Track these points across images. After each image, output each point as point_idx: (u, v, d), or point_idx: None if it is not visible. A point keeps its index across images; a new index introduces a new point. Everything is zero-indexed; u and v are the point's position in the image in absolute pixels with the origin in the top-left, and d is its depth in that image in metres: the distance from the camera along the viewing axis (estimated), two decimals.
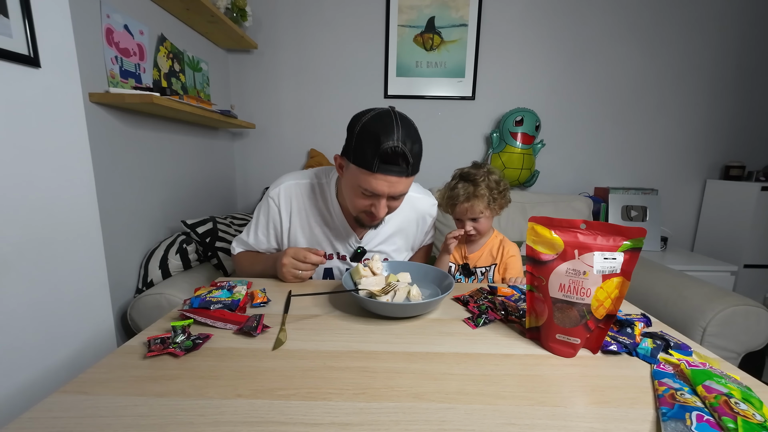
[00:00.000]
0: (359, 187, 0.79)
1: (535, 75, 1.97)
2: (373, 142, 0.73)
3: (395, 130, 0.74)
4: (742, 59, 1.93)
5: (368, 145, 0.74)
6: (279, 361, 0.55)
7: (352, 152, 0.77)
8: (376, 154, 0.73)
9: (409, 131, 0.76)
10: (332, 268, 0.99)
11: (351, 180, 0.81)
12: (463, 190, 1.00)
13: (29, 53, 0.76)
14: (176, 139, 1.49)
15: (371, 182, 0.77)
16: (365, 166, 0.75)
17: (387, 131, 0.73)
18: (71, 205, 0.87)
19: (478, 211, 1.00)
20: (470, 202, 1.00)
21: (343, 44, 1.94)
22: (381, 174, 0.75)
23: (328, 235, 0.97)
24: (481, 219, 1.02)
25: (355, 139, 0.77)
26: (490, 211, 1.03)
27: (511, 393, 0.49)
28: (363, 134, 0.75)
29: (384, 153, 0.73)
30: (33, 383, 0.78)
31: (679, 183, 2.06)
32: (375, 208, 0.81)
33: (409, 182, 0.81)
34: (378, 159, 0.74)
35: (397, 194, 0.81)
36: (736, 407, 0.42)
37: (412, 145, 0.75)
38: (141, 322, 1.10)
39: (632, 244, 0.56)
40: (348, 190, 0.84)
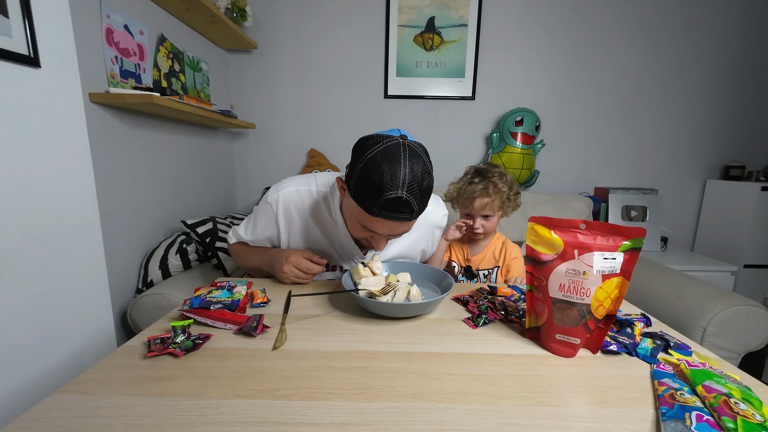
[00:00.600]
0: (359, 223, 0.74)
1: (535, 75, 1.97)
2: (374, 189, 0.65)
3: (401, 174, 0.65)
4: (742, 59, 1.93)
5: (369, 189, 0.66)
6: (279, 361, 0.55)
7: (353, 187, 0.69)
8: (377, 202, 0.66)
9: (416, 172, 0.66)
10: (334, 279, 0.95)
11: (351, 210, 0.75)
12: (482, 185, 1.00)
13: (29, 53, 0.76)
14: (176, 139, 1.49)
15: (371, 223, 0.71)
16: (365, 209, 0.69)
17: (392, 176, 0.64)
18: (71, 205, 0.87)
19: (495, 207, 1.01)
20: (490, 198, 0.99)
21: (343, 44, 1.94)
22: (382, 218, 0.69)
23: (332, 248, 0.91)
24: (492, 218, 1.03)
25: (356, 175, 0.68)
26: (502, 211, 1.04)
27: (511, 393, 0.49)
28: (365, 174, 0.66)
29: (385, 202, 0.66)
30: (33, 383, 0.78)
31: (679, 183, 2.06)
32: (374, 241, 0.77)
33: (413, 223, 0.74)
34: (378, 207, 0.67)
35: (399, 233, 0.75)
36: (736, 407, 0.42)
37: (419, 188, 0.67)
38: (141, 322, 1.10)
39: (632, 244, 0.56)
40: (348, 217, 0.79)
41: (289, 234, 0.91)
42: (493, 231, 1.08)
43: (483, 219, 1.03)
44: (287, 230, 0.90)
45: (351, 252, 0.91)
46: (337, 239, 0.90)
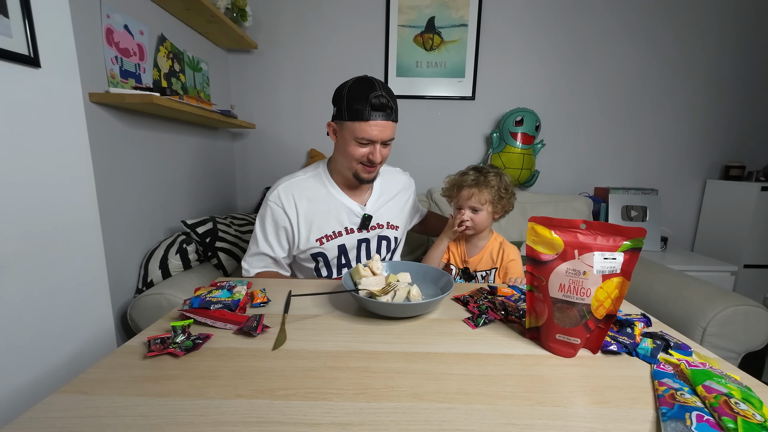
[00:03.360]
0: (355, 139, 0.94)
1: (535, 75, 1.97)
2: (362, 97, 0.90)
3: (377, 86, 0.92)
4: (742, 59, 1.93)
5: (359, 101, 0.91)
6: (279, 361, 0.55)
7: (345, 111, 0.93)
8: (367, 105, 0.90)
9: (386, 88, 0.94)
10: (344, 243, 1.06)
11: (347, 136, 0.95)
12: (473, 176, 1.03)
13: (29, 53, 0.76)
14: (176, 139, 1.49)
15: (366, 129, 0.92)
16: (359, 117, 0.91)
17: (371, 88, 0.91)
18: (71, 205, 0.87)
19: (482, 200, 1.00)
20: (478, 188, 1.00)
21: (343, 44, 1.94)
22: (373, 120, 0.91)
23: (333, 212, 1.04)
24: (481, 212, 1.02)
25: (345, 100, 0.92)
26: (492, 207, 1.03)
27: (511, 393, 0.49)
28: (352, 94, 0.92)
29: (373, 103, 0.90)
30: (33, 383, 0.78)
31: (679, 183, 2.06)
32: (372, 154, 0.95)
33: (393, 128, 0.96)
34: (369, 107, 0.90)
35: (387, 139, 0.96)
36: (736, 407, 0.42)
37: (391, 95, 0.94)
38: (141, 322, 1.10)
39: (632, 244, 0.56)
40: (345, 146, 0.97)
41: (298, 217, 1.02)
42: (483, 229, 1.06)
43: (472, 212, 1.02)
44: (296, 215, 1.02)
45: (351, 208, 1.05)
46: (337, 202, 1.05)
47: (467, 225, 1.03)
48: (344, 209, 1.04)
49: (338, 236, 1.04)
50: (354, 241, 1.06)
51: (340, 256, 1.06)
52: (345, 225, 1.05)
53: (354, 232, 1.06)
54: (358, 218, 1.05)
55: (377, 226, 1.08)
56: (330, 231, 1.04)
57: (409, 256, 1.68)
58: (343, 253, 1.06)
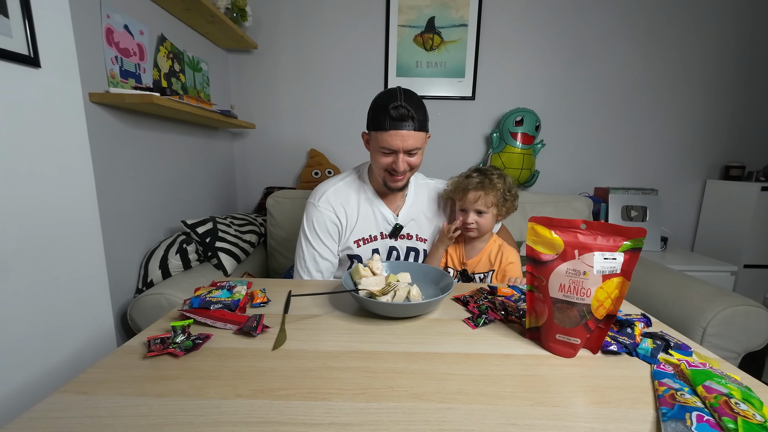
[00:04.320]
0: (379, 148, 0.95)
1: (535, 75, 1.97)
2: (382, 108, 0.92)
3: (398, 96, 0.92)
4: (742, 59, 1.93)
5: (379, 111, 0.93)
6: (279, 361, 0.55)
7: (371, 122, 0.97)
8: (386, 115, 0.91)
9: (411, 98, 0.93)
10: (378, 247, 1.09)
11: (374, 145, 0.98)
12: (478, 179, 1.02)
13: (29, 53, 0.76)
14: (176, 139, 1.49)
15: (387, 139, 0.93)
16: (380, 127, 0.93)
17: (391, 98, 0.92)
18: (71, 205, 0.87)
19: (488, 202, 1.00)
20: (484, 191, 1.00)
21: (343, 44, 1.94)
22: (393, 130, 0.92)
23: (371, 217, 1.08)
24: (486, 215, 1.02)
25: (370, 112, 0.97)
26: (497, 209, 1.03)
27: (511, 393, 0.49)
28: (375, 106, 0.96)
29: (391, 114, 0.90)
30: (33, 383, 0.78)
31: (679, 183, 2.06)
32: (395, 163, 0.96)
33: (418, 137, 0.95)
34: (388, 118, 0.91)
35: (410, 148, 0.95)
36: (737, 407, 0.42)
37: (415, 105, 0.92)
38: (141, 322, 1.10)
39: (632, 244, 0.55)
40: (373, 155, 1.00)
41: (347, 217, 1.07)
42: (487, 231, 1.07)
43: (477, 215, 1.02)
44: (345, 214, 1.07)
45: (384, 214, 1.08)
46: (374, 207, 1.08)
47: (472, 227, 1.03)
48: (380, 215, 1.08)
49: (373, 240, 1.08)
50: (386, 247, 1.10)
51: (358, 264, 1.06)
52: (380, 230, 1.09)
53: (386, 238, 1.09)
54: (390, 226, 1.08)
55: (406, 236, 1.10)
56: (367, 234, 1.07)
57: None
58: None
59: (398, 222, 1.08)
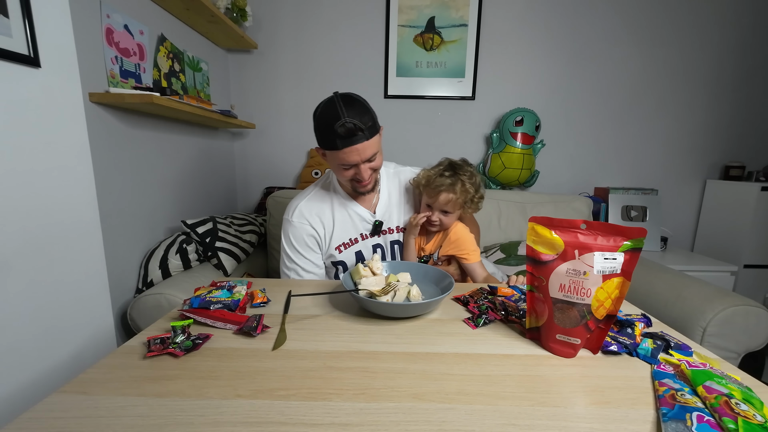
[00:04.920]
0: (339, 164, 0.93)
1: (535, 75, 1.97)
2: (327, 128, 0.88)
3: (340, 111, 0.87)
4: (742, 59, 1.93)
5: (326, 132, 0.89)
6: (279, 361, 0.55)
7: (321, 142, 0.93)
8: (334, 135, 0.87)
9: (354, 107, 0.89)
10: (360, 250, 1.08)
11: (332, 161, 0.96)
12: (451, 180, 1.01)
13: (29, 53, 0.76)
14: (176, 139, 1.49)
15: (343, 157, 0.90)
16: (334, 148, 0.90)
17: (333, 114, 0.87)
18: (71, 205, 0.87)
19: (456, 206, 1.02)
20: (455, 195, 1.00)
21: (343, 44, 1.94)
22: (347, 148, 0.89)
23: (348, 221, 1.07)
24: (451, 215, 1.03)
25: (316, 131, 0.93)
26: (463, 211, 1.05)
27: (512, 393, 0.49)
28: (319, 125, 0.92)
29: (339, 133, 0.87)
30: (33, 383, 0.78)
31: (679, 183, 2.06)
32: (358, 174, 0.94)
33: (373, 143, 0.92)
34: (338, 138, 0.87)
35: (368, 157, 0.93)
36: (737, 408, 0.42)
37: (359, 116, 0.88)
38: (141, 322, 1.10)
39: (632, 245, 0.55)
40: (334, 170, 0.99)
41: (324, 228, 1.06)
42: (448, 228, 1.08)
43: (442, 214, 1.03)
44: (322, 226, 1.06)
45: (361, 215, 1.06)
46: (350, 210, 1.06)
47: (435, 224, 1.04)
48: (357, 217, 1.06)
49: (354, 243, 1.07)
50: (369, 248, 1.08)
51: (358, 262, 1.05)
52: (360, 231, 1.07)
53: (368, 238, 1.07)
54: (369, 224, 1.07)
55: (388, 231, 1.09)
56: (347, 238, 1.06)
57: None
58: (361, 260, 1.06)
59: (377, 219, 1.07)
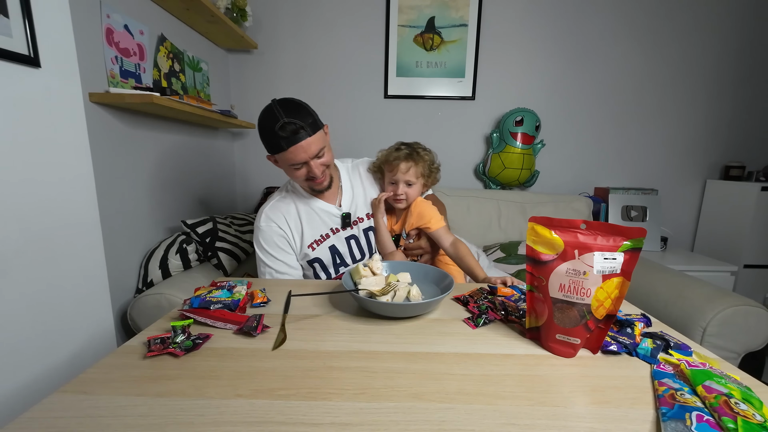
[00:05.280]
0: (290, 166, 0.95)
1: (535, 75, 1.97)
2: (270, 132, 0.91)
3: (278, 114, 0.89)
4: (742, 59, 1.93)
5: (269, 137, 0.91)
6: (279, 361, 0.55)
7: (268, 147, 0.95)
8: (277, 138, 0.90)
9: (289, 108, 0.91)
10: (334, 244, 1.08)
11: (283, 164, 0.97)
12: (407, 150, 1.09)
13: (29, 53, 0.76)
14: (176, 139, 1.49)
15: (291, 157, 0.92)
16: (279, 150, 0.91)
17: (273, 120, 0.90)
18: (71, 204, 0.87)
19: (417, 173, 1.08)
20: (414, 161, 1.07)
21: (343, 44, 1.94)
22: (291, 147, 0.90)
23: (316, 218, 1.08)
24: (414, 185, 1.09)
25: (262, 139, 0.95)
26: (423, 180, 1.10)
27: (511, 393, 0.49)
28: (261, 131, 0.94)
29: (280, 135, 0.89)
30: (33, 383, 0.78)
31: (679, 183, 2.06)
32: (310, 171, 0.96)
33: (317, 139, 0.93)
34: (281, 140, 0.89)
35: (315, 152, 0.94)
36: (736, 407, 0.42)
37: (298, 115, 0.90)
38: (141, 322, 1.10)
39: (632, 244, 0.55)
40: (288, 173, 1.00)
41: (291, 229, 1.06)
42: (413, 200, 1.12)
43: (406, 186, 1.08)
44: (288, 227, 1.06)
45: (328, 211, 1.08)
46: (316, 208, 1.08)
47: (401, 198, 1.08)
48: (324, 213, 1.08)
49: (326, 238, 1.07)
50: (342, 240, 1.09)
51: (334, 257, 1.08)
52: (330, 226, 1.08)
53: (339, 231, 1.09)
54: (338, 218, 1.09)
55: (358, 220, 1.11)
56: (318, 235, 1.07)
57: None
58: (336, 254, 1.08)
59: (344, 211, 1.09)
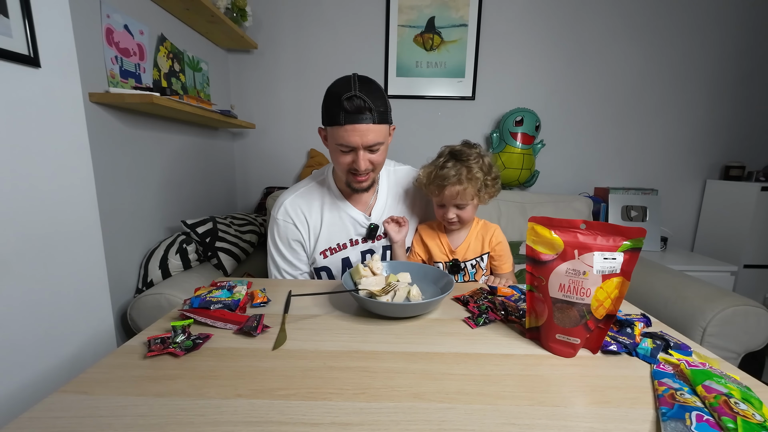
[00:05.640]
0: (337, 146, 0.86)
1: (535, 75, 1.97)
2: (335, 99, 0.82)
3: (353, 85, 0.82)
4: (742, 59, 1.93)
5: (332, 103, 0.83)
6: (279, 361, 0.55)
7: (325, 116, 0.86)
8: (339, 108, 0.81)
9: (369, 87, 0.83)
10: (348, 256, 1.02)
11: (331, 143, 0.88)
12: (454, 170, 0.90)
13: (29, 53, 0.76)
14: (176, 139, 1.49)
15: (344, 136, 0.83)
16: (335, 122, 0.83)
17: (345, 88, 0.82)
18: (71, 205, 0.87)
19: (469, 196, 0.91)
20: (462, 186, 0.90)
21: (343, 44, 1.94)
22: (349, 125, 0.82)
23: (339, 223, 1.01)
24: (468, 207, 0.94)
25: (323, 104, 0.86)
26: (479, 199, 0.94)
27: (511, 393, 0.49)
28: (327, 97, 0.85)
29: (344, 106, 0.81)
30: (33, 383, 0.78)
31: (679, 183, 2.06)
32: (356, 162, 0.87)
33: (379, 131, 0.85)
34: (342, 111, 0.81)
35: (371, 143, 0.85)
36: (736, 407, 0.42)
37: (372, 95, 0.82)
38: (141, 322, 1.10)
39: (632, 244, 0.55)
40: (333, 155, 0.91)
41: (309, 230, 1.00)
42: (470, 221, 0.99)
43: (457, 209, 0.93)
44: (306, 227, 1.00)
45: (355, 218, 1.01)
46: (342, 212, 1.00)
47: (453, 222, 0.96)
48: (349, 220, 1.00)
49: (342, 249, 1.01)
50: (358, 254, 1.02)
51: (344, 269, 1.02)
52: (350, 236, 1.02)
53: (359, 243, 1.02)
54: (363, 228, 1.01)
55: (383, 235, 1.04)
56: (335, 243, 1.00)
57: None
58: (348, 266, 1.02)
59: (372, 222, 1.00)
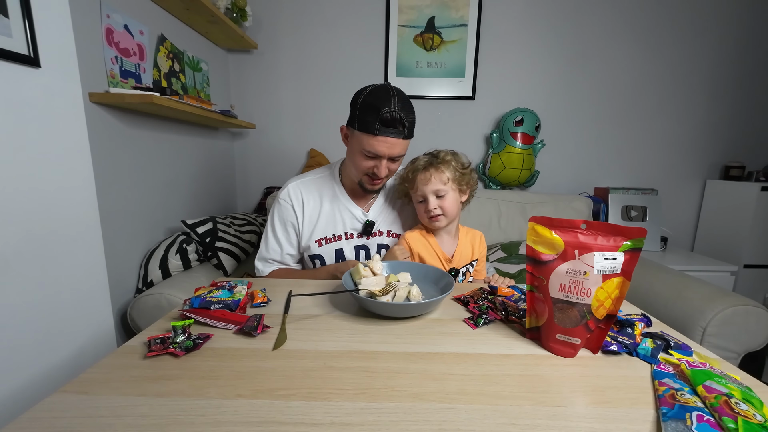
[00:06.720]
0: (363, 150, 0.91)
1: (535, 75, 1.97)
2: (373, 110, 0.86)
3: (392, 100, 0.86)
4: (742, 59, 1.93)
5: (369, 113, 0.87)
6: (279, 361, 0.55)
7: (357, 120, 0.90)
8: (377, 119, 0.86)
9: (404, 102, 0.88)
10: (342, 248, 1.05)
11: (356, 145, 0.93)
12: (426, 158, 0.97)
13: (29, 53, 0.76)
14: (176, 139, 1.49)
15: (373, 144, 0.89)
16: (368, 131, 0.88)
17: (385, 101, 0.86)
18: (71, 205, 0.87)
19: (443, 179, 0.92)
20: (435, 168, 0.93)
21: (343, 44, 1.94)
22: (382, 136, 0.87)
23: (336, 215, 1.05)
24: (447, 196, 0.93)
25: (358, 109, 0.89)
26: (456, 185, 0.95)
27: (512, 393, 0.49)
28: (365, 105, 0.88)
29: (383, 118, 0.85)
30: (33, 383, 0.78)
31: (679, 183, 2.06)
32: (377, 168, 0.92)
33: (405, 145, 0.92)
34: (379, 123, 0.86)
35: (395, 155, 0.91)
36: (737, 407, 0.42)
37: (407, 112, 0.88)
38: (141, 322, 1.10)
39: (632, 244, 0.55)
40: (353, 155, 0.96)
41: (304, 215, 1.04)
42: (455, 214, 0.97)
43: (438, 198, 0.94)
44: (302, 212, 1.04)
45: (353, 213, 1.05)
46: (341, 206, 1.05)
47: (437, 214, 0.94)
48: (347, 214, 1.05)
49: (337, 240, 1.04)
50: (352, 248, 1.06)
51: (337, 260, 1.06)
52: (346, 230, 1.05)
53: (353, 237, 1.05)
54: (360, 224, 1.05)
55: (378, 233, 1.07)
56: (330, 234, 1.04)
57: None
58: (341, 258, 1.05)
59: (369, 218, 1.04)
